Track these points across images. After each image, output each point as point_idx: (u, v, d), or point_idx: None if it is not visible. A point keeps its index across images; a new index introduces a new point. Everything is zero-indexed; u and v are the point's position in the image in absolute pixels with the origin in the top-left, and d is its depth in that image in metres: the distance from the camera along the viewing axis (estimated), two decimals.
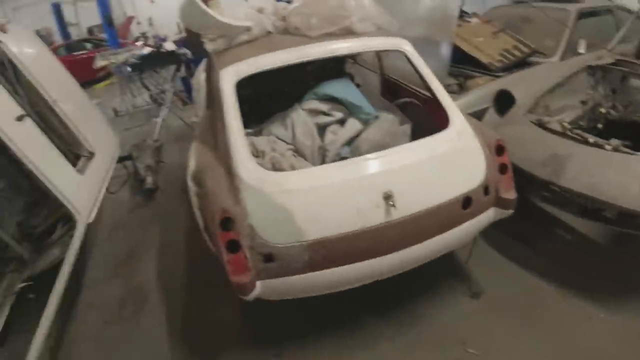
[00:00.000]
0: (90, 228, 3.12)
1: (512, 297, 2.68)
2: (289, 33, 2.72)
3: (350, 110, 2.78)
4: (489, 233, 2.76)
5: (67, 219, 3.15)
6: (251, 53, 2.51)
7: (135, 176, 4.92)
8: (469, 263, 2.82)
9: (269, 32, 2.76)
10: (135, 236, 4.02)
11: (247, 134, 2.49)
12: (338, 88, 2.86)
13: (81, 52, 11.71)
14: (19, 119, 2.51)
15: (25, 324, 2.46)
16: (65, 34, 14.03)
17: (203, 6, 2.40)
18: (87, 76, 8.92)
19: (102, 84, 10.85)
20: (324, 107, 2.79)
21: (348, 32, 2.63)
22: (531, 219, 3.26)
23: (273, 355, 2.51)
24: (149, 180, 4.71)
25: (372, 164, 2.15)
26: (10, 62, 2.88)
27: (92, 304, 3.20)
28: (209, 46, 2.73)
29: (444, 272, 2.89)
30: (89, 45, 12.59)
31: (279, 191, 2.03)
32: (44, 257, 2.96)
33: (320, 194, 2.05)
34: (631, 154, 2.58)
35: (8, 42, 2.94)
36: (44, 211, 3.42)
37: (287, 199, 2.01)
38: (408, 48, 2.65)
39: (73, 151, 3.07)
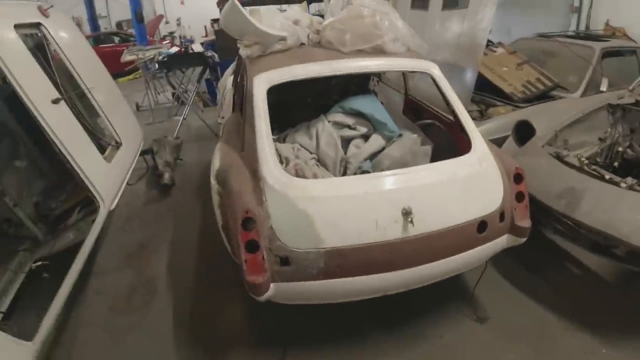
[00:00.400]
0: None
1: (518, 325, 2.70)
2: (322, 46, 2.80)
3: (374, 126, 2.86)
4: (499, 259, 2.80)
5: (85, 205, 3.24)
6: (284, 62, 2.60)
7: (153, 170, 5.02)
8: (477, 287, 2.84)
9: (303, 44, 2.84)
10: (149, 229, 4.10)
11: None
12: (365, 104, 2.94)
13: (109, 45, 11.97)
14: (55, 101, 2.59)
15: (37, 302, 2.53)
16: (94, 25, 14.35)
17: (245, 13, 2.50)
18: (112, 69, 9.06)
19: (125, 78, 11.06)
20: (349, 120, 2.87)
21: (379, 51, 2.71)
22: (542, 250, 3.29)
23: (276, 359, 2.54)
24: (167, 176, 4.81)
25: (395, 179, 2.21)
26: (49, 46, 2.99)
27: (101, 290, 3.25)
28: (244, 52, 2.82)
29: (452, 293, 2.92)
30: (116, 39, 12.87)
31: (302, 197, 2.09)
32: (58, 240, 3.04)
33: (341, 203, 2.11)
34: None
35: (49, 26, 3.04)
36: (62, 195, 3.52)
37: (309, 205, 2.08)
38: (436, 71, 2.73)
39: (102, 139, 3.16)
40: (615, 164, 3.36)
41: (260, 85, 2.46)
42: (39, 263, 2.54)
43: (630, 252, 2.53)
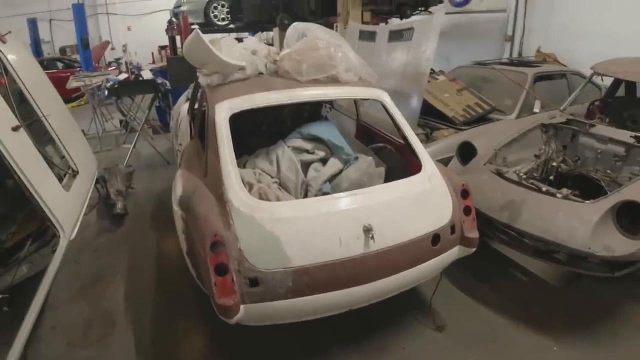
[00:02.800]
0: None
1: (473, 330, 2.88)
2: (280, 76, 2.94)
3: (332, 150, 3.01)
4: (451, 271, 3.00)
5: (37, 236, 3.13)
6: (244, 90, 2.72)
7: (105, 200, 4.90)
8: (433, 298, 3.01)
9: (261, 73, 2.97)
10: (103, 260, 3.98)
11: None
12: (322, 129, 3.09)
13: (52, 71, 11.52)
14: (15, 129, 2.54)
15: None
16: (38, 50, 13.82)
17: (207, 43, 2.60)
18: None
19: (69, 105, 10.66)
20: (307, 145, 3.01)
21: (333, 80, 2.89)
22: (489, 260, 3.54)
23: None
24: (120, 205, 4.71)
25: (354, 199, 2.36)
26: (7, 71, 2.93)
27: (56, 325, 3.12)
28: (204, 80, 2.90)
29: (410, 305, 3.07)
30: (60, 65, 12.44)
31: (268, 219, 2.18)
32: (10, 273, 2.92)
33: (306, 223, 2.22)
34: (579, 201, 2.92)
35: (6, 51, 2.98)
36: (12, 227, 3.38)
37: (276, 226, 2.17)
38: (386, 99, 2.94)
39: (59, 167, 3.09)
40: (551, 177, 3.71)
41: (223, 112, 2.55)
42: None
43: (569, 255, 2.80)
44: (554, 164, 3.79)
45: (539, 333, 2.84)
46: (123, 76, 7.38)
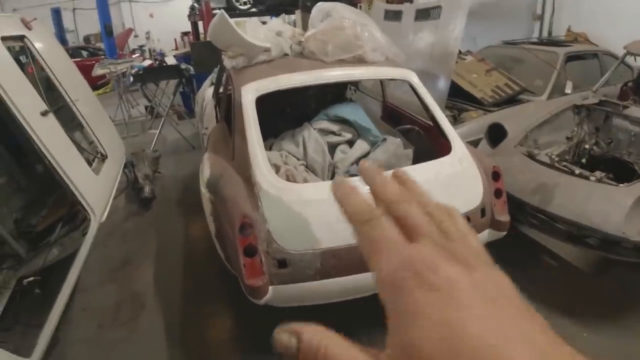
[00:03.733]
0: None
1: None
2: (305, 57, 2.90)
3: (359, 132, 2.97)
4: None
5: (67, 220, 3.21)
6: (270, 72, 2.69)
7: (133, 184, 4.98)
8: None
9: (286, 55, 2.93)
10: (131, 244, 4.06)
11: None
12: (348, 111, 3.05)
13: (77, 59, 11.73)
14: (44, 114, 2.58)
15: (23, 318, 2.50)
16: (62, 39, 14.05)
17: (233, 24, 2.58)
18: None
19: (95, 92, 10.87)
20: (334, 127, 2.97)
21: (360, 60, 2.83)
22: (519, 246, 3.46)
23: None
24: (147, 189, 4.78)
25: None
26: (34, 58, 2.97)
27: (87, 307, 3.21)
28: (228, 63, 2.89)
29: None
30: (84, 53, 12.65)
31: (296, 201, 2.17)
32: (41, 256, 3.00)
33: (334, 205, 2.18)
34: (613, 185, 2.82)
35: (32, 38, 3.03)
36: (43, 211, 3.47)
37: (304, 208, 2.16)
38: (415, 79, 2.87)
39: (88, 151, 3.15)
40: (583, 160, 3.58)
41: (249, 94, 2.54)
42: (31, 279, 2.50)
43: (602, 240, 2.71)
44: (587, 146, 3.66)
45: (569, 320, 2.78)
46: (147, 63, 7.46)
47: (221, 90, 3.64)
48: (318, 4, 3.24)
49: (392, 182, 0.41)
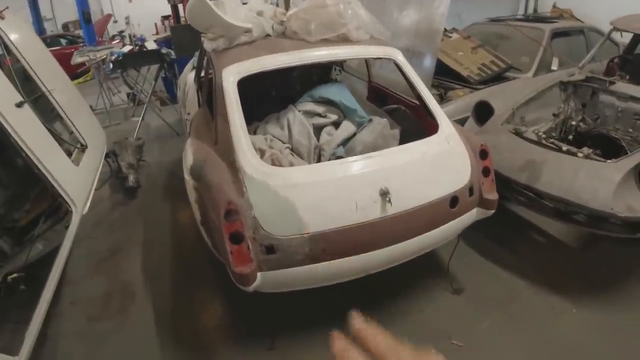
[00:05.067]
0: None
1: (491, 293, 2.85)
2: (287, 37, 2.82)
3: (344, 113, 2.92)
4: (468, 234, 2.94)
5: (50, 214, 3.13)
6: (252, 54, 2.61)
7: (117, 174, 4.89)
8: (450, 261, 2.97)
9: (268, 35, 2.85)
10: (118, 234, 4.00)
11: None
12: (333, 91, 2.99)
13: (56, 48, 11.41)
14: (19, 105, 2.49)
15: (10, 315, 2.44)
16: (40, 28, 13.62)
17: (212, 5, 2.48)
18: None
19: (76, 81, 10.60)
20: (319, 109, 2.92)
21: (344, 39, 2.76)
22: (507, 223, 3.47)
23: (265, 349, 2.56)
24: (132, 178, 4.69)
25: (370, 162, 2.28)
26: (7, 48, 2.86)
27: (76, 300, 3.16)
28: (209, 45, 2.80)
29: (428, 268, 3.04)
30: (63, 42, 12.30)
31: (282, 185, 2.13)
32: (26, 251, 2.93)
33: (321, 188, 2.16)
34: (601, 161, 2.82)
35: (5, 28, 2.91)
36: (26, 205, 3.38)
37: (290, 192, 2.11)
38: (400, 57, 2.82)
39: (67, 142, 3.06)
40: (570, 137, 3.58)
41: (230, 77, 2.47)
42: (15, 275, 2.43)
43: (590, 217, 2.72)
44: (573, 123, 3.66)
45: (558, 295, 2.80)
46: (127, 48, 7.24)
47: (202, 74, 3.55)
48: None
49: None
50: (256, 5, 2.97)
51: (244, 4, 3.18)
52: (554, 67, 4.22)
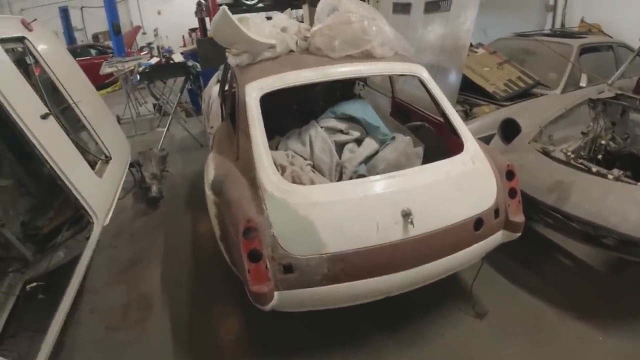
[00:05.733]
0: None
1: (516, 318, 2.75)
2: (311, 53, 2.82)
3: (367, 130, 2.88)
4: (493, 255, 2.85)
5: (73, 222, 3.18)
6: (275, 70, 2.61)
7: (140, 184, 4.95)
8: (474, 284, 2.88)
9: (291, 51, 2.85)
10: (139, 243, 4.04)
11: None
12: (356, 108, 2.96)
13: (86, 58, 11.77)
14: (44, 117, 2.54)
15: (31, 324, 2.47)
16: (71, 38, 14.13)
17: (235, 21, 2.50)
18: (90, 82, 9.00)
19: (104, 91, 10.90)
20: (341, 125, 2.89)
21: (368, 56, 2.74)
22: (534, 245, 3.35)
23: None
24: (154, 188, 4.75)
25: (392, 182, 2.24)
26: (35, 59, 2.93)
27: (95, 309, 3.19)
28: (233, 60, 2.82)
29: (450, 291, 2.95)
30: (93, 52, 12.68)
31: (302, 203, 2.10)
32: (47, 259, 2.98)
33: (342, 208, 2.12)
34: (632, 183, 2.70)
35: (33, 40, 2.99)
36: (49, 213, 3.44)
37: (310, 211, 2.08)
38: (424, 74, 2.78)
39: (91, 154, 3.11)
40: (599, 156, 3.46)
41: (253, 93, 2.47)
42: (34, 284, 2.47)
43: (620, 241, 2.60)
44: (603, 142, 3.53)
45: (585, 322, 2.68)
46: (155, 60, 7.42)
47: (226, 88, 3.57)
48: None
49: None
50: (280, 21, 2.98)
51: (268, 19, 3.21)
52: (583, 83, 4.11)
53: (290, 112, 3.76)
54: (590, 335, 2.59)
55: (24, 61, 2.89)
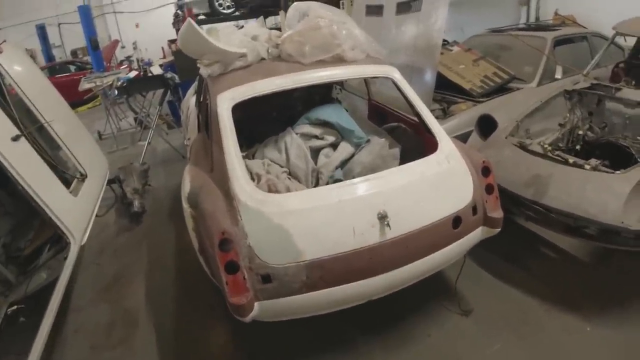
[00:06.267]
0: None
1: (501, 314, 2.75)
2: (283, 60, 2.81)
3: (342, 134, 2.87)
4: (476, 252, 2.85)
5: (54, 242, 3.13)
6: (247, 78, 2.60)
7: (122, 199, 4.90)
8: (458, 281, 2.88)
9: (263, 59, 2.84)
10: (123, 260, 3.99)
11: None
12: (330, 113, 2.95)
13: (65, 74, 11.67)
14: (15, 139, 2.52)
15: (14, 347, 2.43)
16: (49, 55, 13.98)
17: (202, 32, 2.48)
18: (70, 98, 8.82)
19: (84, 107, 10.80)
20: (316, 131, 2.88)
21: (339, 60, 2.73)
22: (516, 238, 3.36)
23: None
24: (137, 203, 4.70)
25: (367, 185, 2.23)
26: (4, 81, 2.90)
27: (79, 328, 3.15)
28: (204, 71, 2.80)
29: (434, 290, 2.94)
30: (72, 68, 12.56)
31: (277, 212, 2.08)
32: (27, 282, 2.93)
33: (317, 214, 2.11)
34: (609, 172, 2.73)
35: (3, 61, 2.96)
36: (30, 233, 3.40)
37: (285, 219, 2.07)
38: (397, 75, 2.78)
39: (66, 173, 3.07)
40: (577, 147, 3.49)
41: (225, 103, 2.45)
42: (14, 307, 2.43)
43: (601, 231, 2.62)
44: (580, 132, 3.56)
45: (571, 313, 2.69)
46: (134, 74, 7.36)
47: (202, 99, 3.55)
48: (294, 4, 3.15)
49: None
50: (251, 30, 2.97)
51: (240, 28, 3.19)
52: (558, 75, 4.15)
53: (269, 119, 3.74)
54: (577, 327, 2.60)
55: None
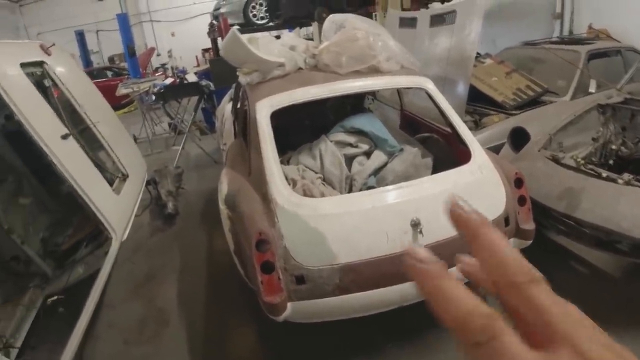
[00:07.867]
0: None
1: None
2: (319, 70, 2.90)
3: (376, 142, 2.94)
4: None
5: (92, 238, 3.28)
6: (285, 87, 2.70)
7: (156, 201, 5.06)
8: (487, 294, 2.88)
9: (300, 68, 2.94)
10: (156, 259, 4.12)
11: None
12: (364, 122, 3.02)
13: (102, 80, 12.11)
14: (64, 137, 2.66)
15: (50, 337, 2.55)
16: (87, 61, 14.54)
17: (245, 42, 2.60)
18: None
19: (120, 111, 11.15)
20: (350, 139, 2.95)
21: (374, 70, 2.81)
22: (546, 251, 3.34)
23: None
24: (170, 205, 4.85)
25: (401, 192, 2.28)
26: (54, 82, 3.07)
27: (113, 323, 3.26)
28: (244, 79, 2.91)
29: None
30: (109, 73, 13.03)
31: (313, 215, 2.16)
32: (67, 274, 3.07)
33: (352, 219, 2.17)
34: None
35: (51, 63, 3.13)
36: (68, 230, 3.56)
37: (321, 223, 2.14)
38: (430, 86, 2.83)
39: (109, 172, 3.22)
40: (610, 161, 3.45)
41: (264, 110, 2.55)
42: (55, 297, 2.55)
43: (633, 246, 2.59)
44: (613, 147, 3.53)
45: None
46: (169, 80, 7.60)
47: (238, 106, 3.67)
48: (331, 15, 3.24)
49: (508, 248, 0.31)
50: (289, 40, 3.08)
51: (277, 38, 3.31)
52: (592, 89, 4.11)
53: (302, 127, 3.84)
54: None
55: (44, 84, 3.02)
